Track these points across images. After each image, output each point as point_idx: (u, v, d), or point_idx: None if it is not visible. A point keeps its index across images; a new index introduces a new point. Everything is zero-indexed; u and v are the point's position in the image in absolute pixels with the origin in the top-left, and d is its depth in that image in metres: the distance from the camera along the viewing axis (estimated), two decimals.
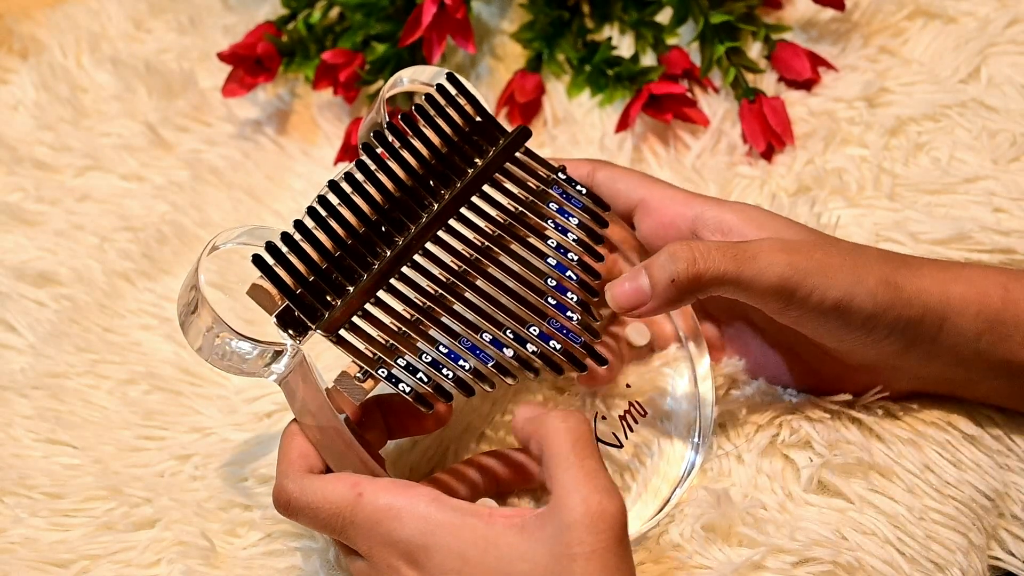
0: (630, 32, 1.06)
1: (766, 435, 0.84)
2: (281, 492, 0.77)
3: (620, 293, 0.78)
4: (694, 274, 0.77)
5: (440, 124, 0.82)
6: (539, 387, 0.88)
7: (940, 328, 0.80)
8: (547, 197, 0.82)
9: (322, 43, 1.07)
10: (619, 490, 0.71)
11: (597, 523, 0.69)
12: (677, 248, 0.77)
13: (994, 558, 0.84)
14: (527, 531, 0.71)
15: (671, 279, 0.77)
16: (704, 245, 0.77)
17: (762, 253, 0.77)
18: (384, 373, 0.76)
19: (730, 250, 0.77)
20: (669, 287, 0.77)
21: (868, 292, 0.78)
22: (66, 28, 1.13)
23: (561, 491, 0.70)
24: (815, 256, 0.78)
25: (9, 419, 0.93)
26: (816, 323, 0.79)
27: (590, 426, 0.73)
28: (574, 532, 0.69)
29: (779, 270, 0.77)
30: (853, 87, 0.99)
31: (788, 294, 0.77)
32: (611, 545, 0.69)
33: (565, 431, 0.72)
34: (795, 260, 0.77)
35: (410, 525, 0.73)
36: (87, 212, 1.04)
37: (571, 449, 0.71)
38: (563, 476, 0.71)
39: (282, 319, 0.76)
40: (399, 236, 0.79)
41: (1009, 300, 0.80)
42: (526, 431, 0.74)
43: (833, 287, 0.77)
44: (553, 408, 0.77)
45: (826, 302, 0.77)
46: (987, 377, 0.83)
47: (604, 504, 0.70)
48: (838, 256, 0.78)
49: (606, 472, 0.71)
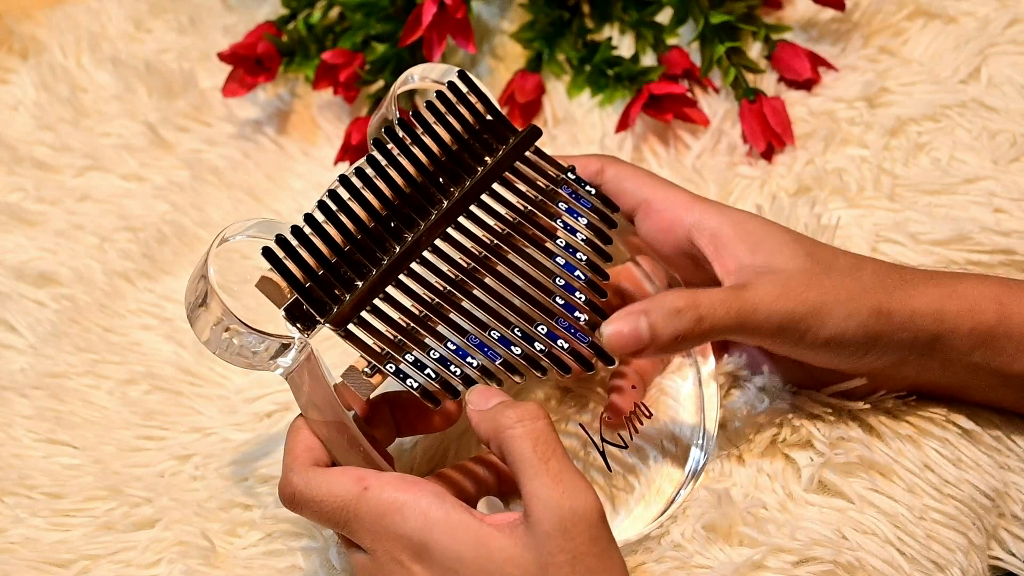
0: (630, 32, 1.06)
1: (767, 434, 0.84)
2: (286, 486, 0.77)
3: (616, 336, 0.77)
4: (700, 333, 0.78)
5: (451, 121, 0.82)
6: (544, 385, 0.88)
7: (933, 346, 0.81)
8: (556, 196, 0.82)
9: (322, 43, 1.07)
10: (588, 482, 0.71)
11: (570, 530, 0.69)
12: (682, 305, 0.78)
13: (994, 558, 0.84)
14: (515, 536, 0.71)
15: (675, 336, 0.77)
16: (708, 300, 0.78)
17: (762, 303, 0.78)
18: (392, 368, 0.76)
19: (733, 304, 0.78)
20: (673, 343, 0.78)
21: (860, 325, 0.79)
22: (66, 28, 1.13)
23: (532, 501, 0.70)
24: (809, 299, 0.79)
25: (9, 419, 0.93)
26: (809, 356, 0.81)
27: (546, 418, 0.73)
28: (553, 541, 0.69)
29: (777, 321, 0.78)
30: (853, 87, 1.00)
31: (784, 338, 0.79)
32: (591, 547, 0.70)
33: (523, 434, 0.72)
34: (791, 308, 0.78)
35: (411, 521, 0.73)
36: (87, 212, 1.03)
37: (532, 452, 0.71)
38: (529, 485, 0.71)
39: (291, 312, 0.76)
40: (409, 232, 0.79)
41: (1003, 314, 0.81)
42: (483, 429, 0.74)
43: (825, 327, 0.79)
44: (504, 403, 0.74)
45: (819, 340, 0.79)
46: (982, 386, 0.84)
47: (575, 506, 0.70)
48: (832, 292, 0.79)
49: (571, 467, 0.71)
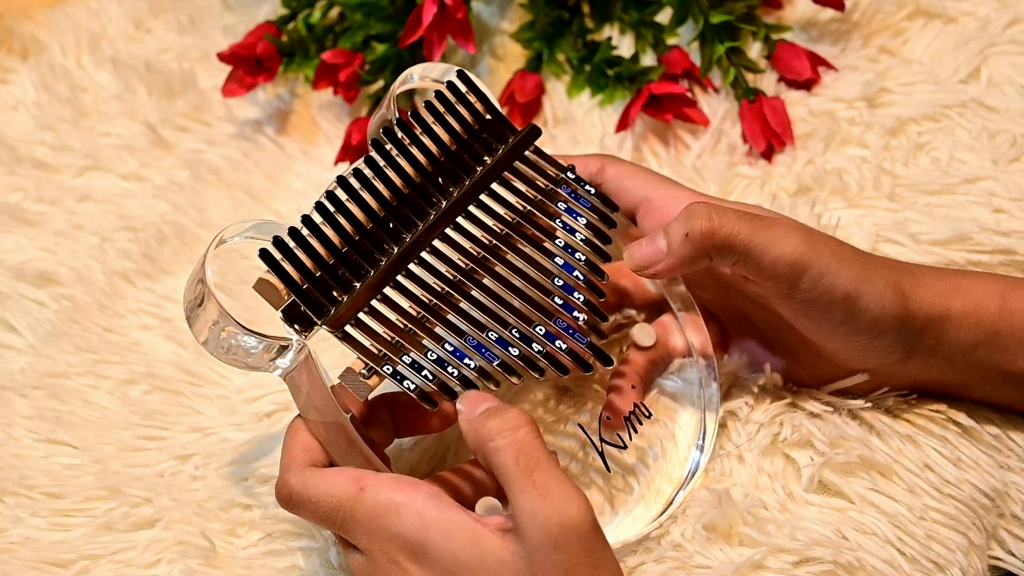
0: (630, 32, 1.06)
1: (767, 434, 0.84)
2: (283, 486, 0.77)
3: (637, 252, 0.79)
4: (708, 230, 0.77)
5: (450, 121, 0.82)
6: (543, 385, 0.88)
7: (939, 340, 0.80)
8: (556, 196, 0.82)
9: (322, 43, 1.07)
10: (577, 488, 0.70)
11: (562, 544, 0.69)
12: (695, 206, 0.78)
13: (994, 558, 0.84)
14: (507, 543, 0.71)
15: (685, 233, 0.77)
16: (721, 207, 0.78)
17: (778, 226, 0.77)
18: (389, 370, 0.76)
19: (746, 216, 0.77)
20: (683, 243, 0.77)
21: (877, 292, 0.78)
22: (66, 28, 1.13)
23: (520, 515, 0.70)
24: (830, 243, 0.78)
25: (9, 419, 0.93)
26: (821, 315, 0.79)
27: (530, 425, 0.72)
28: (544, 555, 0.69)
29: (794, 244, 0.77)
30: (853, 87, 1.00)
31: (799, 272, 0.77)
32: (582, 558, 0.69)
33: (506, 447, 0.71)
34: (811, 239, 0.77)
35: (407, 521, 0.73)
36: (87, 212, 1.03)
37: (515, 466, 0.71)
38: (515, 499, 0.70)
39: (288, 314, 0.76)
40: (407, 233, 0.79)
41: (1005, 310, 0.80)
42: (470, 440, 0.74)
43: (844, 276, 0.77)
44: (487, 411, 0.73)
45: (836, 290, 0.77)
46: (983, 384, 0.84)
47: (564, 520, 0.69)
48: (850, 250, 0.79)
49: (559, 476, 0.70)
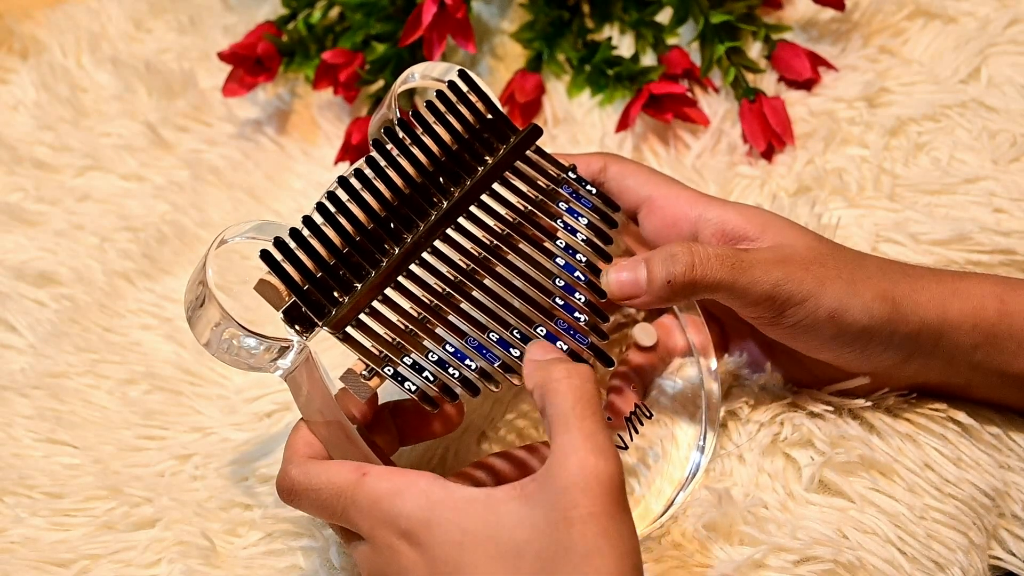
0: (630, 32, 1.06)
1: (768, 433, 0.84)
2: (284, 478, 0.77)
3: (616, 281, 0.79)
4: (690, 279, 0.77)
5: (451, 121, 0.82)
6: None
7: (936, 343, 0.80)
8: (557, 196, 0.82)
9: (322, 43, 1.07)
10: (617, 452, 0.70)
11: (592, 486, 0.68)
12: (678, 250, 0.78)
13: (994, 558, 0.85)
14: (525, 497, 0.70)
15: (667, 280, 0.77)
16: (704, 251, 0.78)
17: (759, 264, 0.78)
18: (390, 371, 0.76)
19: (728, 259, 0.78)
20: (664, 287, 0.78)
21: (863, 305, 0.78)
22: (66, 28, 1.13)
23: (559, 453, 0.70)
24: (812, 269, 0.78)
25: (9, 419, 0.93)
26: (810, 336, 0.79)
27: (594, 382, 0.72)
28: (569, 495, 0.68)
29: (774, 280, 0.77)
30: (853, 87, 1.00)
31: (781, 305, 0.78)
32: (608, 508, 0.68)
33: (567, 390, 0.71)
34: (790, 271, 0.78)
35: (411, 501, 0.72)
36: (87, 212, 1.03)
37: (571, 408, 0.71)
38: (561, 438, 0.70)
39: (289, 315, 0.76)
40: (408, 233, 0.79)
41: (1004, 312, 0.80)
42: (534, 379, 0.74)
43: (828, 297, 0.78)
44: (560, 357, 0.75)
45: (820, 311, 0.78)
46: (983, 384, 0.84)
47: (600, 466, 0.69)
48: (835, 269, 0.79)
49: (606, 432, 0.70)
